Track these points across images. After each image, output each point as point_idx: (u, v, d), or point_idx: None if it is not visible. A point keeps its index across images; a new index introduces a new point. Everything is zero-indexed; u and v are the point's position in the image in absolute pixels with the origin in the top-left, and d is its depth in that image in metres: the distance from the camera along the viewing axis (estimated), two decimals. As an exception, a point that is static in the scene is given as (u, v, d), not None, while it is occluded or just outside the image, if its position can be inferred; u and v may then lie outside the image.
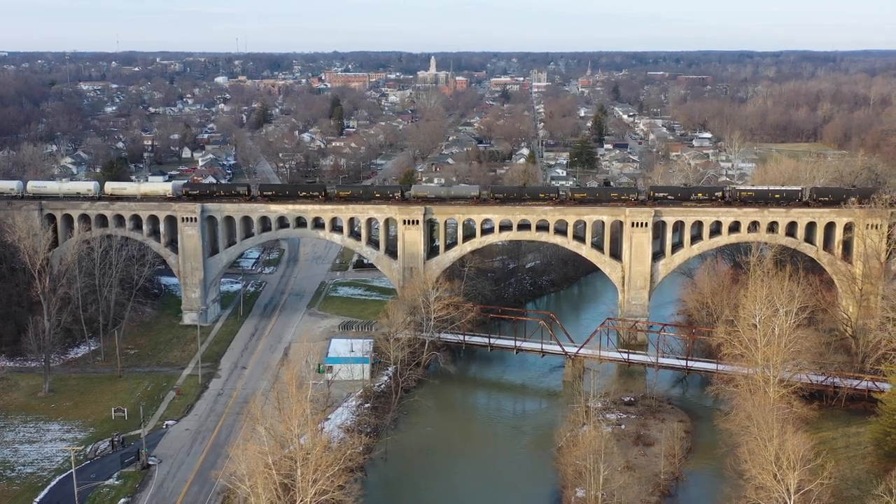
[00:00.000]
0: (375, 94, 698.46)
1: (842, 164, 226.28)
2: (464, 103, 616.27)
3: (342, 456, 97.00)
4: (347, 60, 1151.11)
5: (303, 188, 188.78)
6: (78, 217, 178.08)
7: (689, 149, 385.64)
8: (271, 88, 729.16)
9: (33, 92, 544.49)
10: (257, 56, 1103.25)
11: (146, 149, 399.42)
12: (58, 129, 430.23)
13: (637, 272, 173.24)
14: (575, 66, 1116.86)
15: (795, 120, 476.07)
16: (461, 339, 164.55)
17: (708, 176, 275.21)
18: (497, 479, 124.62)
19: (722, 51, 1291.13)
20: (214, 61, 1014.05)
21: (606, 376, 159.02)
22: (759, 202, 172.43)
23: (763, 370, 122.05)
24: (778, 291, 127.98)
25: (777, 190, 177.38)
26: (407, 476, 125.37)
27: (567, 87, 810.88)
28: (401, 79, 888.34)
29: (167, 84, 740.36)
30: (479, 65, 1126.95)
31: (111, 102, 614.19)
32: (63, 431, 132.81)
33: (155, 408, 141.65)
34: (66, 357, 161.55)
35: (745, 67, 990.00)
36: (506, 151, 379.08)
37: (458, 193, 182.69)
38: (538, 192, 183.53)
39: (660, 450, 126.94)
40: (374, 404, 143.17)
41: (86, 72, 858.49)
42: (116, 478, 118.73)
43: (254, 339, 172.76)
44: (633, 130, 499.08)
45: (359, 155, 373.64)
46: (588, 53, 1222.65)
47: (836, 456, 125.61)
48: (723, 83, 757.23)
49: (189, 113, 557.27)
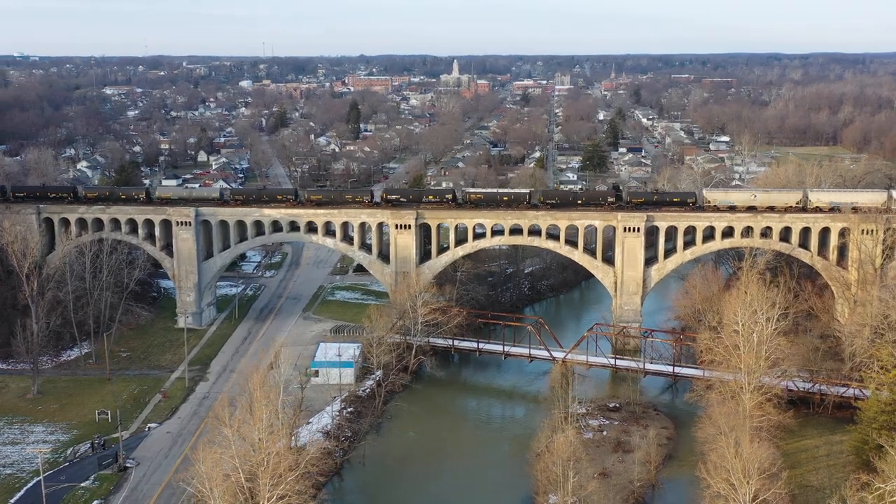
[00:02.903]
0: (396, 98, 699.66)
1: (843, 168, 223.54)
2: (483, 107, 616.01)
3: (303, 461, 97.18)
4: (373, 64, 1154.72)
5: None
6: (75, 221, 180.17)
7: (703, 152, 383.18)
8: (293, 92, 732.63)
9: (55, 96, 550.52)
10: (282, 60, 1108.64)
11: (162, 152, 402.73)
12: (77, 133, 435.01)
13: (629, 277, 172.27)
14: (600, 69, 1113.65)
15: (815, 123, 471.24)
16: (450, 344, 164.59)
17: (716, 180, 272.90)
18: (473, 485, 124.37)
19: (750, 53, 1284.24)
20: (240, 65, 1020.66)
21: (597, 382, 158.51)
22: (490, 205, 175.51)
23: (737, 377, 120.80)
24: (758, 297, 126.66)
25: (506, 193, 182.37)
26: (383, 480, 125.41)
27: (590, 90, 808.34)
28: (424, 82, 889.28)
29: (191, 88, 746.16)
30: (505, 68, 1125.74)
31: (134, 106, 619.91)
32: (47, 433, 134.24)
33: (139, 410, 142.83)
34: (59, 359, 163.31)
35: (771, 70, 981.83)
36: (518, 155, 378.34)
37: (200, 195, 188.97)
38: None
39: (638, 456, 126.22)
40: (356, 409, 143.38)
41: (112, 76, 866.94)
42: (93, 480, 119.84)
43: (246, 343, 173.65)
44: (652, 134, 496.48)
45: (371, 159, 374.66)
46: (613, 56, 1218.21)
47: (816, 464, 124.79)
48: (748, 86, 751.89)
49: (209, 117, 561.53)
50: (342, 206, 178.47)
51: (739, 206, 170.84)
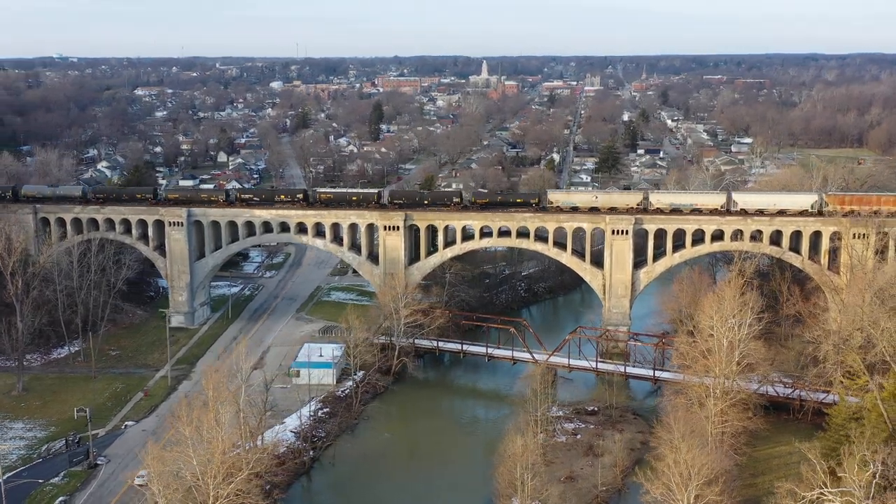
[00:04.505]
0: (424, 99, 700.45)
1: (846, 171, 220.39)
2: (509, 108, 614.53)
3: (252, 460, 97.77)
4: (405, 65, 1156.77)
5: None
6: (70, 221, 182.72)
7: (722, 154, 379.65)
8: (320, 93, 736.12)
9: (83, 97, 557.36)
10: (315, 61, 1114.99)
11: (182, 153, 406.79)
12: (101, 133, 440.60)
13: (618, 280, 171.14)
14: (633, 69, 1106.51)
15: (841, 125, 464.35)
16: (435, 346, 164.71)
17: (726, 182, 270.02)
18: (441, 487, 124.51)
19: (787, 53, 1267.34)
20: (272, 66, 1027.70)
21: (584, 386, 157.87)
22: (338, 204, 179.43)
23: (703, 380, 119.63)
24: (730, 301, 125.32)
25: (354, 193, 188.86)
26: (351, 481, 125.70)
27: (620, 91, 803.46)
28: (454, 83, 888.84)
29: (221, 89, 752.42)
30: (537, 69, 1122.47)
31: (163, 107, 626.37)
32: (25, 430, 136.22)
33: (119, 408, 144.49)
34: (49, 357, 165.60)
35: (807, 71, 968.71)
36: (535, 156, 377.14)
37: (65, 193, 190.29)
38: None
39: (608, 460, 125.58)
40: (333, 409, 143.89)
41: (145, 77, 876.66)
42: (62, 477, 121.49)
43: (235, 343, 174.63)
44: (675, 136, 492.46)
45: (387, 160, 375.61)
46: (647, 57, 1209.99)
47: (788, 470, 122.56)
48: (781, 87, 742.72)
49: (235, 118, 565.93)
50: (331, 207, 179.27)
51: (581, 206, 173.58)
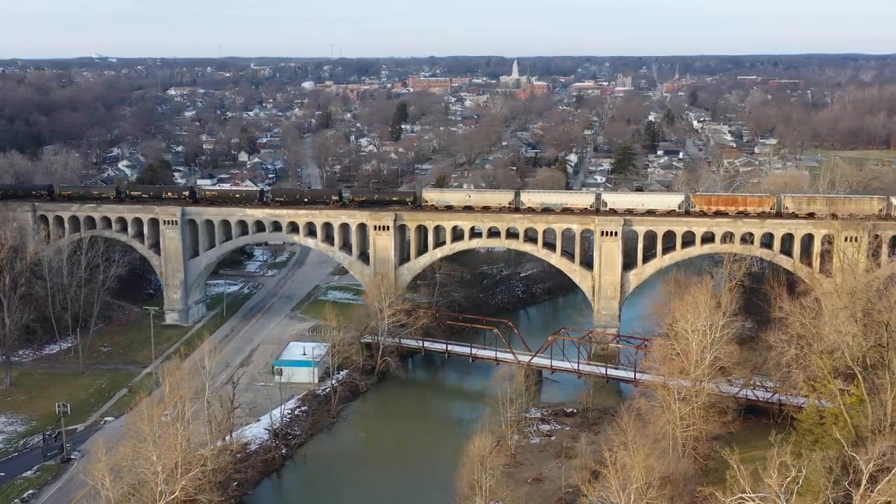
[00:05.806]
0: (452, 99, 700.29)
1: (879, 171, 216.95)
2: (535, 108, 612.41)
3: (202, 458, 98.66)
4: (438, 65, 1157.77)
5: None
6: (68, 219, 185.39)
7: (743, 155, 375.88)
8: (349, 94, 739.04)
9: (112, 97, 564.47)
10: (349, 61, 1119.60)
11: (204, 152, 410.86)
12: (126, 133, 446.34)
13: (607, 281, 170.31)
14: (667, 70, 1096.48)
15: (868, 126, 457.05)
16: (420, 346, 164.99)
17: (737, 183, 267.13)
18: (409, 486, 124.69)
19: (824, 54, 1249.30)
20: (304, 66, 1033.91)
21: (572, 387, 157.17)
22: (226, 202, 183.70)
23: (667, 383, 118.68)
24: (702, 302, 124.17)
25: (238, 191, 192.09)
26: (321, 479, 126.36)
27: (651, 91, 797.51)
28: (485, 83, 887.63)
29: (252, 89, 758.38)
30: (571, 69, 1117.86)
31: (193, 107, 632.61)
32: (6, 424, 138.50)
33: (101, 404, 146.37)
34: (41, 353, 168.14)
35: (844, 71, 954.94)
36: (552, 157, 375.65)
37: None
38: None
39: (579, 462, 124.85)
40: (311, 408, 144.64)
41: (179, 77, 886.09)
42: (35, 471, 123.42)
43: (226, 340, 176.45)
44: (700, 136, 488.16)
45: (405, 160, 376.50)
46: (682, 57, 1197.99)
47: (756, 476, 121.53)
48: (816, 87, 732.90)
49: (262, 118, 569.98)
50: (321, 206, 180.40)
51: (456, 205, 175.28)
